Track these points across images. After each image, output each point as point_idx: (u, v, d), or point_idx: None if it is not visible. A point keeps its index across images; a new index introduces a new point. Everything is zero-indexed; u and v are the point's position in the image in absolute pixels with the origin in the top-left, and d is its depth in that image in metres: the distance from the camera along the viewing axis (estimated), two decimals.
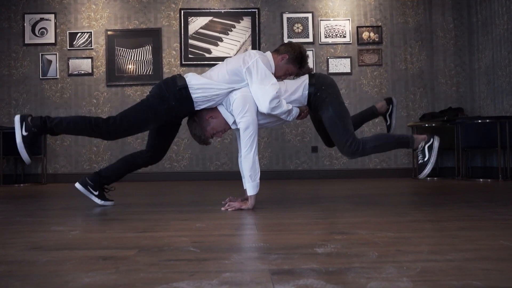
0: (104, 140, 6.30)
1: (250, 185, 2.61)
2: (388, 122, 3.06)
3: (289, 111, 2.68)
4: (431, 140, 2.70)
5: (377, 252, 1.39)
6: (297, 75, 2.86)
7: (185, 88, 2.61)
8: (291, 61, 2.79)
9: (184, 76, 2.71)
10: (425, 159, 2.68)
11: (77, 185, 2.87)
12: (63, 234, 1.83)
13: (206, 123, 2.71)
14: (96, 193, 2.88)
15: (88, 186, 2.86)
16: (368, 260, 1.29)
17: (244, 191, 2.77)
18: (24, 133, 2.58)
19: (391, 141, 2.73)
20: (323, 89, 2.72)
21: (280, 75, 2.82)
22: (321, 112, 2.75)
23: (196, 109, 2.68)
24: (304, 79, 2.78)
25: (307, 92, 2.74)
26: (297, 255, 1.37)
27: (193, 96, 2.62)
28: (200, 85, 2.63)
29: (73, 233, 1.83)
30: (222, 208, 2.62)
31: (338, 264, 1.25)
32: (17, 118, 2.61)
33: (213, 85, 2.63)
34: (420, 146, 2.71)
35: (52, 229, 1.95)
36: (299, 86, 2.74)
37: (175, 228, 1.96)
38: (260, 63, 2.61)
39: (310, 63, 6.41)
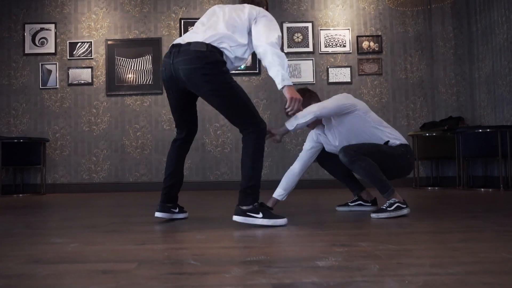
0: (103, 150, 6.33)
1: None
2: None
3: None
4: (404, 206, 2.73)
5: (379, 265, 1.38)
6: None
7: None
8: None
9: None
10: (389, 209, 2.69)
11: (160, 214, 2.59)
12: (62, 246, 1.82)
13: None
14: (177, 210, 2.69)
15: (171, 209, 2.65)
16: (369, 274, 1.28)
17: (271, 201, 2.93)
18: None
19: (377, 177, 2.75)
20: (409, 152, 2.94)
21: None
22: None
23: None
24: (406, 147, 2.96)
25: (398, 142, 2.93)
26: (298, 268, 1.35)
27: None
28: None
29: (72, 246, 1.82)
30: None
31: (339, 278, 1.24)
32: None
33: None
34: (393, 199, 2.73)
35: (51, 242, 1.94)
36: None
37: (176, 240, 1.95)
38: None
39: (310, 72, 6.42)
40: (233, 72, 6.38)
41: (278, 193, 2.95)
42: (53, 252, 1.70)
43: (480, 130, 5.27)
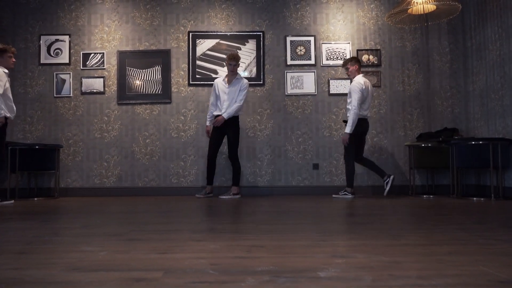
0: (114, 156, 6.58)
1: None
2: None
3: None
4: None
5: (372, 276, 1.62)
6: None
7: None
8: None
9: None
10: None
11: None
12: (93, 254, 2.06)
13: None
14: None
15: None
16: (364, 284, 1.52)
17: None
18: None
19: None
20: None
21: None
22: None
23: None
24: None
25: None
26: (303, 279, 1.60)
27: None
28: None
29: (102, 254, 2.07)
30: None
31: None
32: None
33: None
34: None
35: (82, 249, 2.19)
36: None
37: (193, 249, 2.19)
38: None
39: (312, 84, 6.67)
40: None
41: None
42: (88, 260, 1.94)
43: (473, 142, 5.51)
